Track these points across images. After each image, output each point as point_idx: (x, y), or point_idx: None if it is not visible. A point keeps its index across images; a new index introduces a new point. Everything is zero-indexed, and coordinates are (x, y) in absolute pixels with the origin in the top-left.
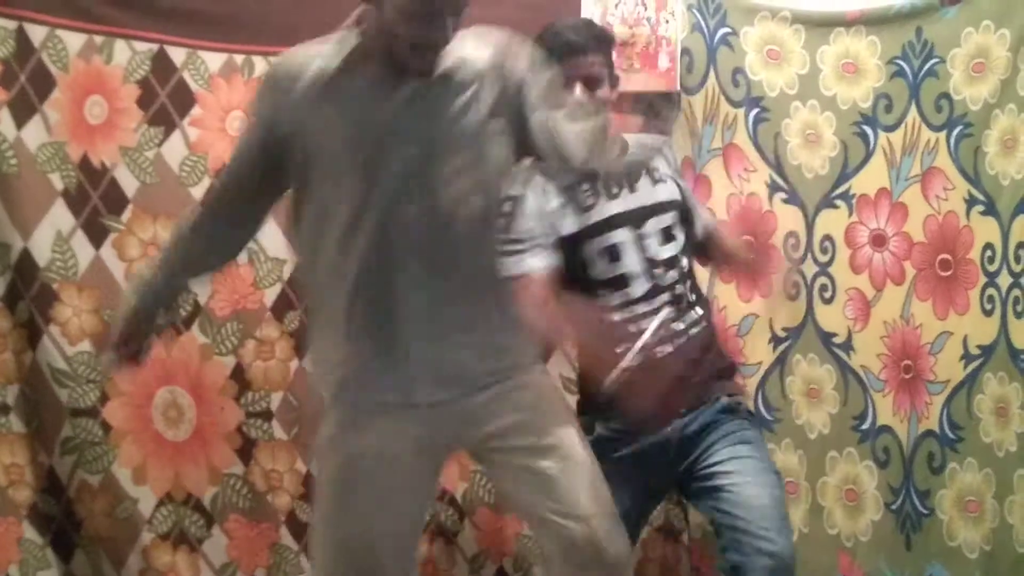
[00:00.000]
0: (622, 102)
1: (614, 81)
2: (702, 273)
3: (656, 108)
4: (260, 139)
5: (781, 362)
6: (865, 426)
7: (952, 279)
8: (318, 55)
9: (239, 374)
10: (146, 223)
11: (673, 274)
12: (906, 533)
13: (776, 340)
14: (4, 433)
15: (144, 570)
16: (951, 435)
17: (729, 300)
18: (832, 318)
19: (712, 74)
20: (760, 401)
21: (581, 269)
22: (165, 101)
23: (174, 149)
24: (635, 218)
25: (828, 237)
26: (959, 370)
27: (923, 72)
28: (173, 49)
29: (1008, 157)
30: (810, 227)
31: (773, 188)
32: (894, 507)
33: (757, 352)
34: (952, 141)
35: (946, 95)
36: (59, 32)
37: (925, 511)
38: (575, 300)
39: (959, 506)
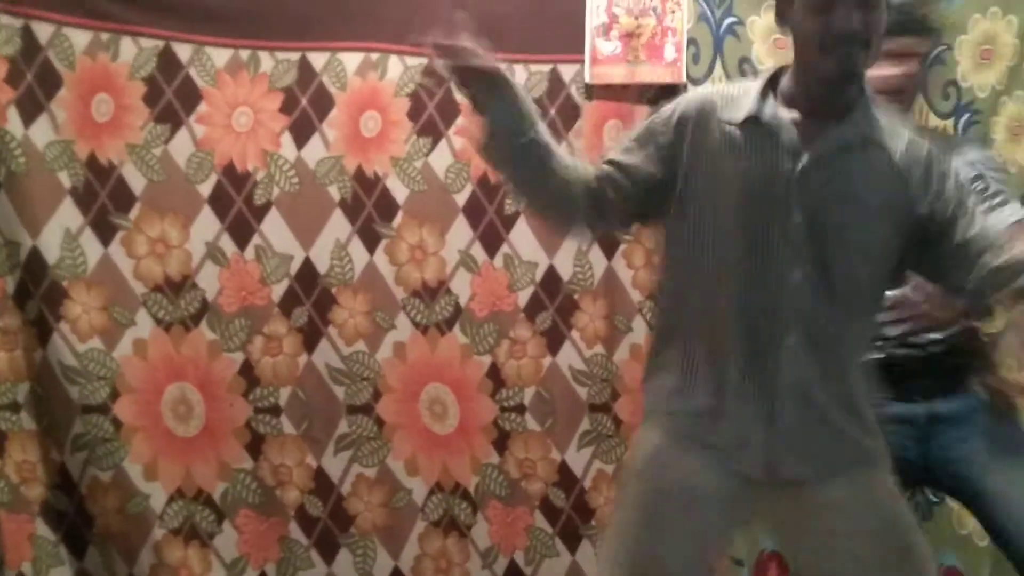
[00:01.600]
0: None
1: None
2: None
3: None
4: (661, 147)
5: None
6: None
7: None
8: (744, 93)
9: (247, 370)
10: (154, 220)
11: None
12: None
13: None
14: (15, 431)
15: (156, 565)
16: None
17: None
18: None
19: (718, 64)
20: None
21: None
22: (171, 98)
23: (181, 146)
24: None
25: None
26: None
27: (930, 59)
28: (179, 45)
29: (1016, 144)
30: None
31: None
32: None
33: None
34: (960, 128)
35: (953, 82)
36: (65, 30)
37: (935, 499)
38: None
39: None
